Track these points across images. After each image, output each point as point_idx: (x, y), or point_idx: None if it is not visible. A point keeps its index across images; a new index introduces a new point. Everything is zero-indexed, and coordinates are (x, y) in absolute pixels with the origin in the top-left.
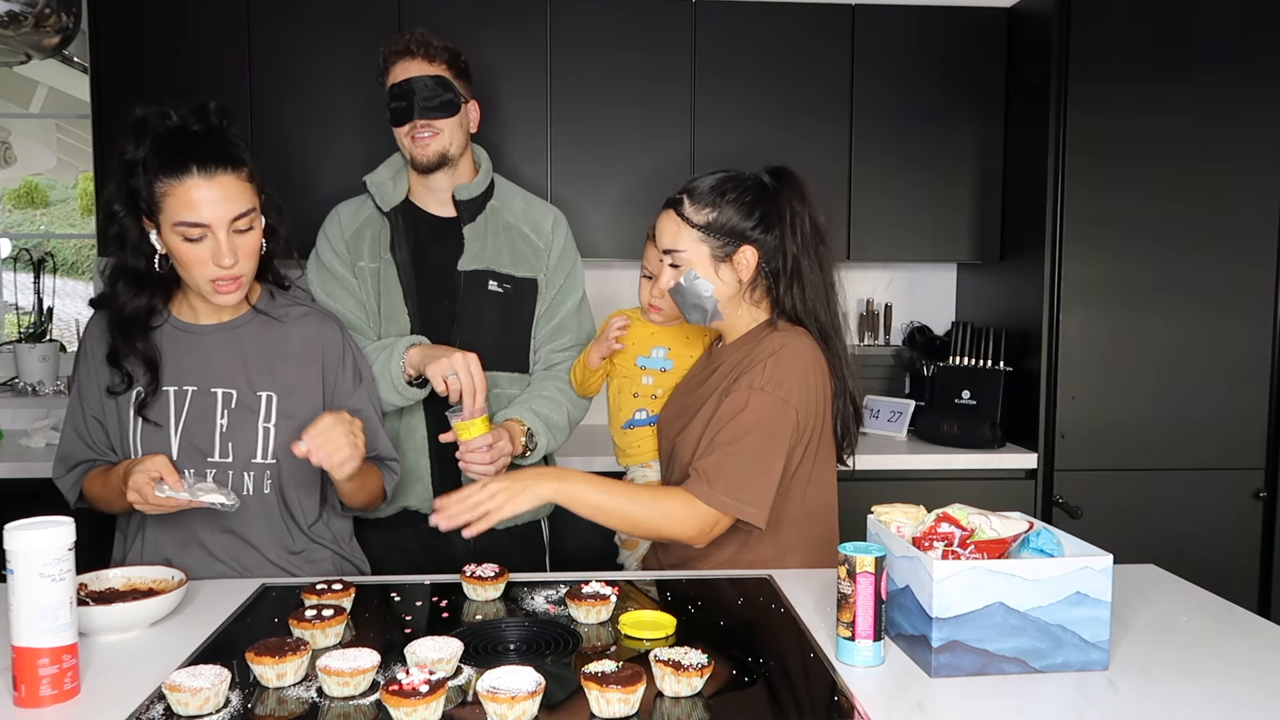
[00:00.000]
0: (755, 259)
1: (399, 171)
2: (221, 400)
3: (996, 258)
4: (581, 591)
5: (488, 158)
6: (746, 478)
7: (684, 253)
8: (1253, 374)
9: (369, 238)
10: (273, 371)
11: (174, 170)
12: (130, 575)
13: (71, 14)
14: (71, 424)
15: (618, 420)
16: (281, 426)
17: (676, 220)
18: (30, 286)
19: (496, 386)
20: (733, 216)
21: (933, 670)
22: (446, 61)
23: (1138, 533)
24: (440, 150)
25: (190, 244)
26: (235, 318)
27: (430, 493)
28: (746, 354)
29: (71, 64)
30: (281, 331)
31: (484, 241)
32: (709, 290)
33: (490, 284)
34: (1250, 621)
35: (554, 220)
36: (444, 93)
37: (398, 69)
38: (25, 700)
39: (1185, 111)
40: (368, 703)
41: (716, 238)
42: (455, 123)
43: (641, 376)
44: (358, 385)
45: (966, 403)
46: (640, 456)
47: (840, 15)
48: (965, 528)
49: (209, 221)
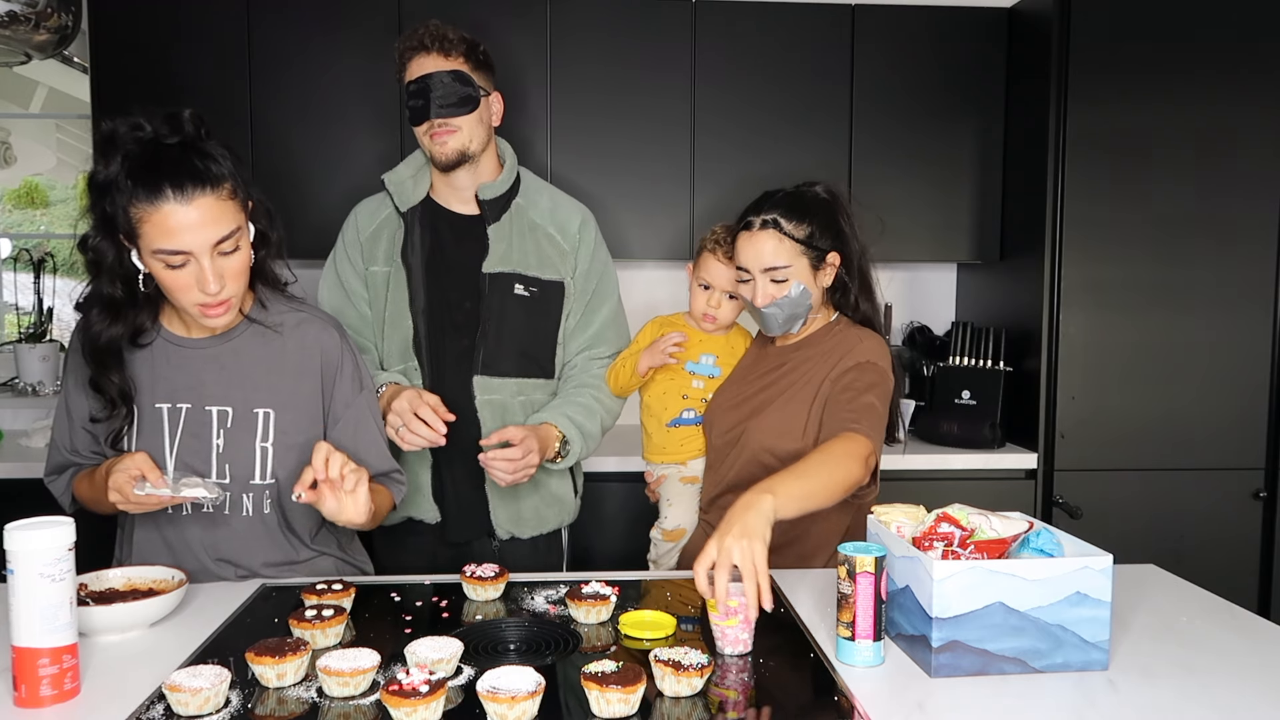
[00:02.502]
0: (838, 264)
1: (421, 169)
2: (217, 419)
3: (996, 258)
4: (581, 591)
5: (513, 152)
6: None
7: (789, 267)
8: (1253, 374)
9: (385, 240)
10: (270, 387)
11: (148, 195)
12: (130, 575)
13: (71, 14)
14: (59, 431)
15: (663, 418)
16: (280, 444)
17: (778, 237)
18: (30, 286)
19: (520, 393)
20: (821, 228)
21: (933, 670)
22: (464, 54)
23: (1138, 533)
24: (460, 148)
25: (173, 271)
26: (228, 330)
27: (433, 504)
28: (836, 345)
29: (71, 64)
30: (278, 342)
31: (509, 242)
32: (810, 299)
33: (517, 287)
34: (1250, 621)
35: (581, 220)
36: (462, 88)
37: (414, 65)
38: (25, 700)
39: (1185, 111)
40: (368, 703)
41: (814, 249)
42: (475, 119)
43: (692, 380)
44: (357, 394)
45: (966, 403)
46: (680, 455)
47: (840, 15)
48: (965, 528)
49: (189, 249)
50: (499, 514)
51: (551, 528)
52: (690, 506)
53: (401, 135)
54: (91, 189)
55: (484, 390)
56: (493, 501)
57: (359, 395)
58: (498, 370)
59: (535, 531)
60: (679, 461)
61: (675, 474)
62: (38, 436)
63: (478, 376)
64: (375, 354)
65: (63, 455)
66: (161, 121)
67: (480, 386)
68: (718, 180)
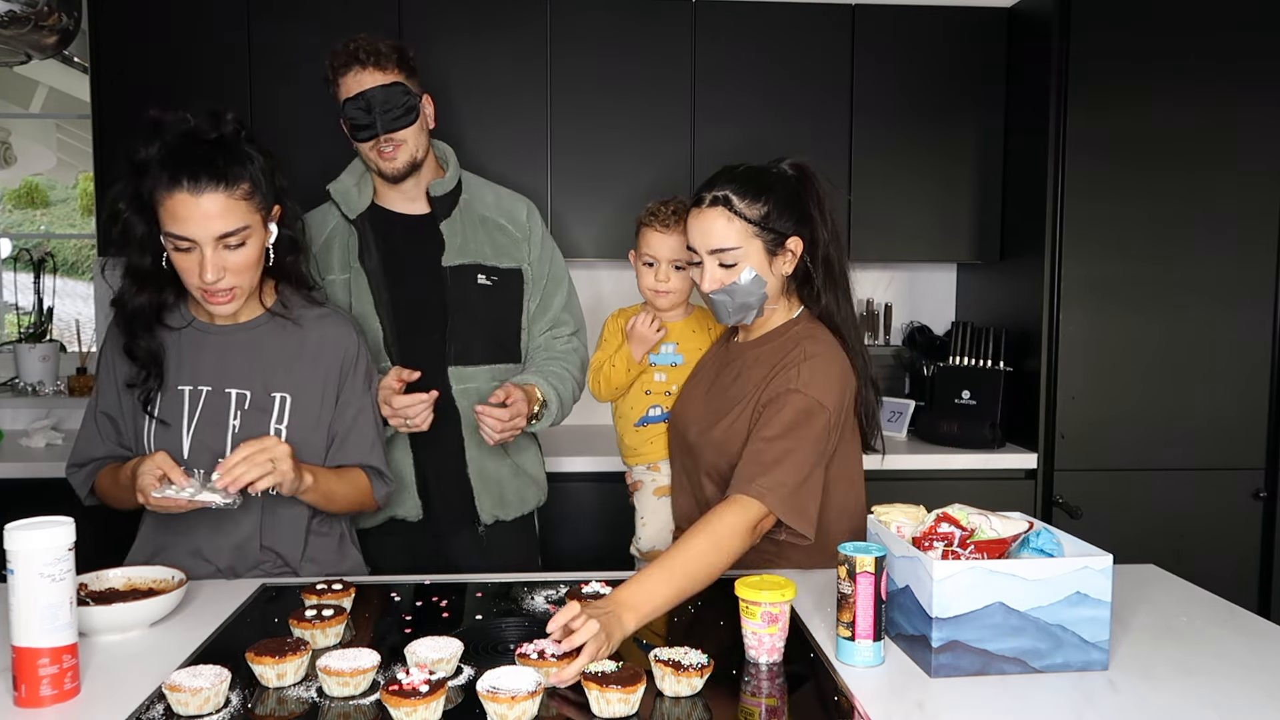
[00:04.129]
0: (800, 250)
1: (363, 176)
2: (235, 401)
3: (996, 258)
4: (581, 592)
5: (451, 151)
6: (797, 491)
7: (738, 249)
8: (1253, 374)
9: (337, 248)
10: (287, 372)
11: (168, 181)
12: (130, 575)
13: (71, 14)
14: (87, 422)
15: (630, 418)
16: (294, 426)
17: (727, 216)
18: (30, 286)
19: (494, 379)
20: (782, 208)
21: (933, 670)
22: (398, 64)
23: (1138, 533)
24: (408, 160)
25: (179, 254)
26: (251, 319)
27: (418, 503)
28: (777, 352)
29: (71, 64)
30: (297, 333)
31: (464, 236)
32: (762, 288)
33: (479, 277)
34: (1250, 621)
35: (528, 210)
36: (404, 98)
37: (349, 80)
38: (25, 700)
39: (1185, 111)
40: (368, 703)
41: (770, 231)
42: (417, 128)
43: (654, 373)
44: (365, 392)
45: (966, 403)
46: (650, 456)
47: (840, 15)
48: (965, 528)
49: (194, 237)
50: (483, 499)
51: (530, 508)
52: (664, 523)
53: None
54: (130, 166)
55: (459, 380)
56: (477, 488)
57: (366, 394)
58: (470, 359)
59: (518, 512)
60: (650, 462)
61: (650, 483)
62: (38, 436)
63: (452, 367)
64: None
65: (86, 441)
66: (205, 118)
67: (455, 377)
68: None
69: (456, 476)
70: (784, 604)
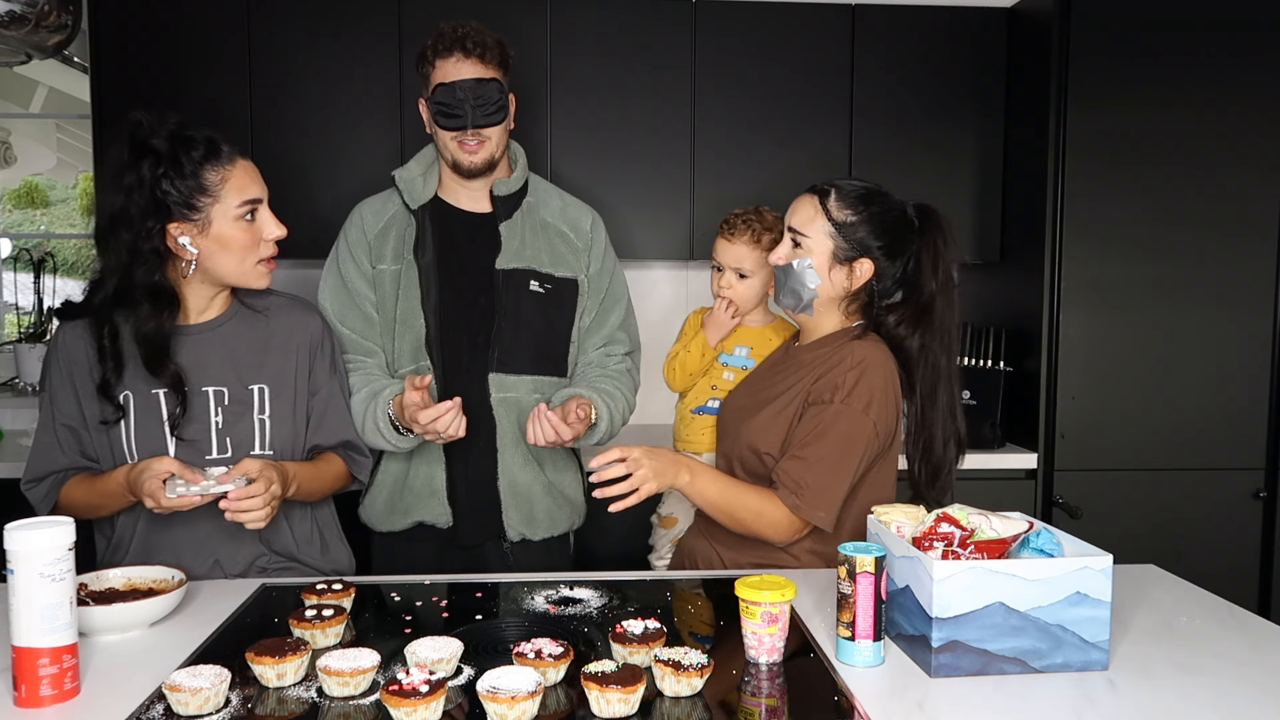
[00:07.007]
0: (870, 274)
1: (430, 167)
2: (214, 398)
3: (996, 258)
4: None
5: (523, 152)
6: (825, 486)
7: (810, 239)
8: (1253, 374)
9: (394, 238)
10: (260, 364)
11: (227, 155)
12: (130, 575)
13: (71, 14)
14: (44, 434)
15: (690, 403)
16: (275, 416)
17: (816, 207)
18: (30, 286)
19: (536, 391)
20: (869, 228)
21: (933, 670)
22: (499, 62)
23: (1138, 533)
24: (488, 157)
25: (248, 224)
26: (219, 315)
27: (448, 509)
28: (827, 359)
29: (71, 64)
30: (264, 324)
31: (522, 239)
32: (814, 284)
33: (531, 284)
34: (1250, 621)
35: (593, 220)
36: (498, 96)
37: (448, 66)
38: (25, 700)
39: (1185, 111)
40: (368, 703)
41: (846, 240)
42: (503, 127)
43: (723, 371)
44: (333, 375)
45: (966, 403)
46: (697, 445)
47: (840, 15)
48: (965, 528)
49: (263, 195)
50: (511, 515)
51: (562, 530)
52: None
53: (401, 135)
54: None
55: (499, 388)
56: (505, 502)
57: (334, 376)
58: (513, 368)
59: (547, 534)
60: (695, 451)
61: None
62: None
63: (493, 374)
64: (382, 357)
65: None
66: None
67: (495, 384)
68: (718, 180)
69: (486, 487)
70: (784, 604)
